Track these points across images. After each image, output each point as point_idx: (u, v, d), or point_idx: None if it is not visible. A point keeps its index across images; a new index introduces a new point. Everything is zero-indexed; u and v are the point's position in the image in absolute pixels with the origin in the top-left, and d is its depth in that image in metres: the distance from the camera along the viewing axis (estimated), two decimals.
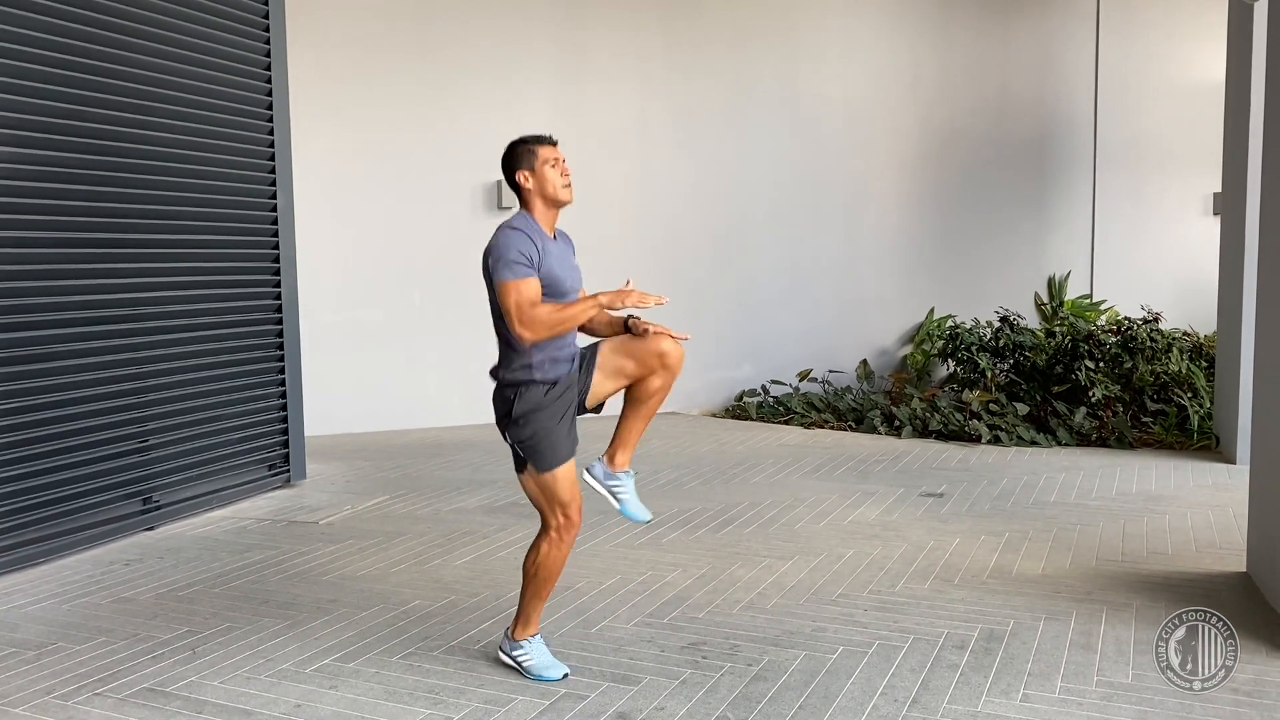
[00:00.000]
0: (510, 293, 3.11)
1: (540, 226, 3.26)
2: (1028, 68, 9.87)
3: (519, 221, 3.23)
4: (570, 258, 3.39)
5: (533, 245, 3.17)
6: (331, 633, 3.78)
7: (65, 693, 3.29)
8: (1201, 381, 7.72)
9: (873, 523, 5.24)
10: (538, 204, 3.27)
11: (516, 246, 3.14)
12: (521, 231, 3.18)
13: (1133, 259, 10.05)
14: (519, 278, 3.11)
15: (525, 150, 3.26)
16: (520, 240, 3.16)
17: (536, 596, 3.35)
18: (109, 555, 4.82)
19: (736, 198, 9.14)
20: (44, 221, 4.74)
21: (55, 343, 4.78)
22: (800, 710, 3.10)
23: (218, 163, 5.65)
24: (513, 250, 3.14)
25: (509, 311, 3.12)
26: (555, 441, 3.23)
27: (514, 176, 3.27)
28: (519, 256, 3.13)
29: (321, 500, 5.86)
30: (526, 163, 3.25)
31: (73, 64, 4.84)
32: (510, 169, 3.28)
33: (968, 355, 8.54)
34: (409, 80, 8.14)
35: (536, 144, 3.27)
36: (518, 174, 3.26)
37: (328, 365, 7.85)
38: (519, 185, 3.27)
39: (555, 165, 3.26)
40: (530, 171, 3.25)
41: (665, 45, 8.86)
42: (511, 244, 3.15)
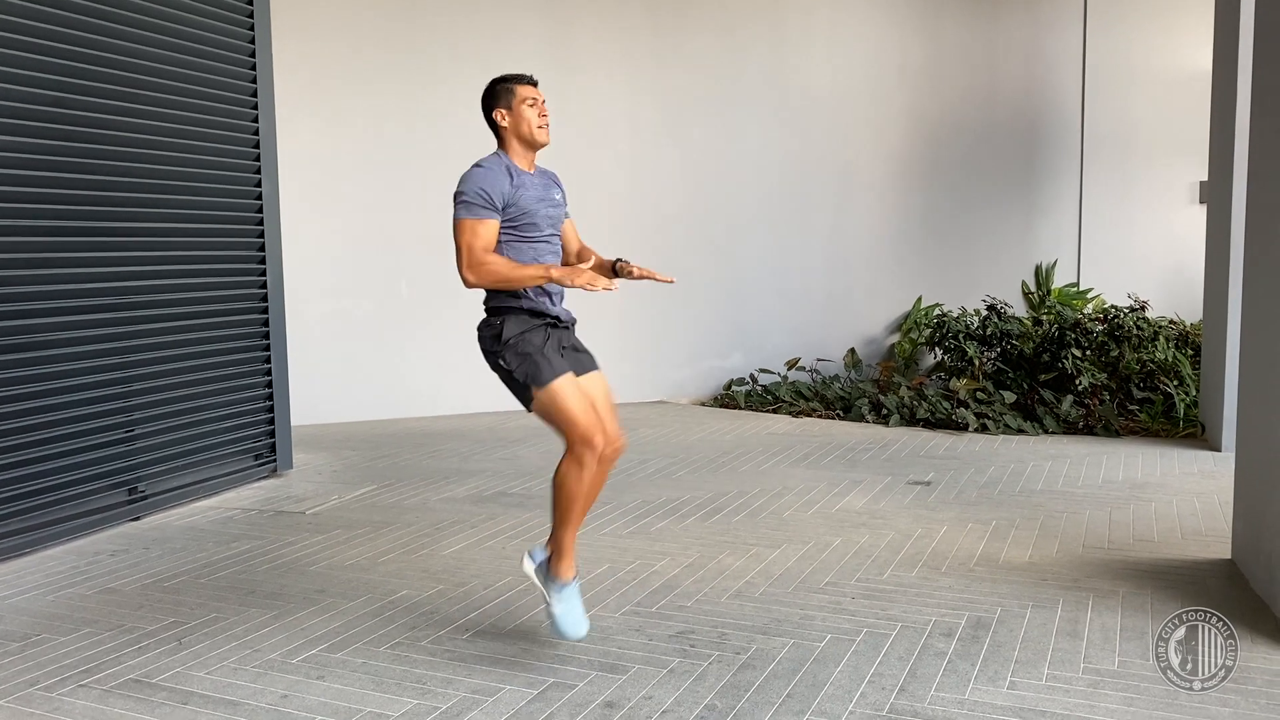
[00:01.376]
0: (463, 231, 3.06)
1: (515, 163, 3.22)
2: (1015, 57, 9.87)
3: (489, 159, 3.19)
4: (551, 193, 3.32)
5: (499, 182, 3.12)
6: (319, 623, 3.76)
7: (50, 684, 3.27)
8: (1187, 370, 7.75)
9: (860, 511, 5.25)
10: (514, 143, 3.24)
11: (478, 184, 3.10)
12: (488, 169, 3.14)
13: (1119, 247, 10.08)
14: (475, 218, 3.06)
15: (504, 88, 3.22)
16: (485, 177, 3.11)
17: (564, 524, 3.22)
18: (94, 546, 4.80)
19: (725, 187, 9.13)
20: (27, 210, 4.70)
21: (39, 332, 4.75)
22: (788, 698, 3.11)
23: (203, 150, 5.61)
24: (473, 189, 3.09)
25: (458, 249, 3.06)
26: (547, 356, 3.17)
27: (491, 114, 3.23)
28: (477, 196, 3.09)
29: (308, 490, 5.84)
30: (504, 101, 3.21)
31: (55, 50, 4.79)
32: (488, 107, 3.23)
33: (955, 344, 8.56)
34: (395, 69, 8.09)
35: (515, 82, 3.23)
36: (495, 112, 3.22)
37: (314, 355, 7.82)
38: (495, 123, 3.22)
39: (534, 105, 3.22)
40: (507, 110, 3.21)
41: (653, 35, 8.83)
42: (474, 181, 3.11)
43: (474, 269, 3.06)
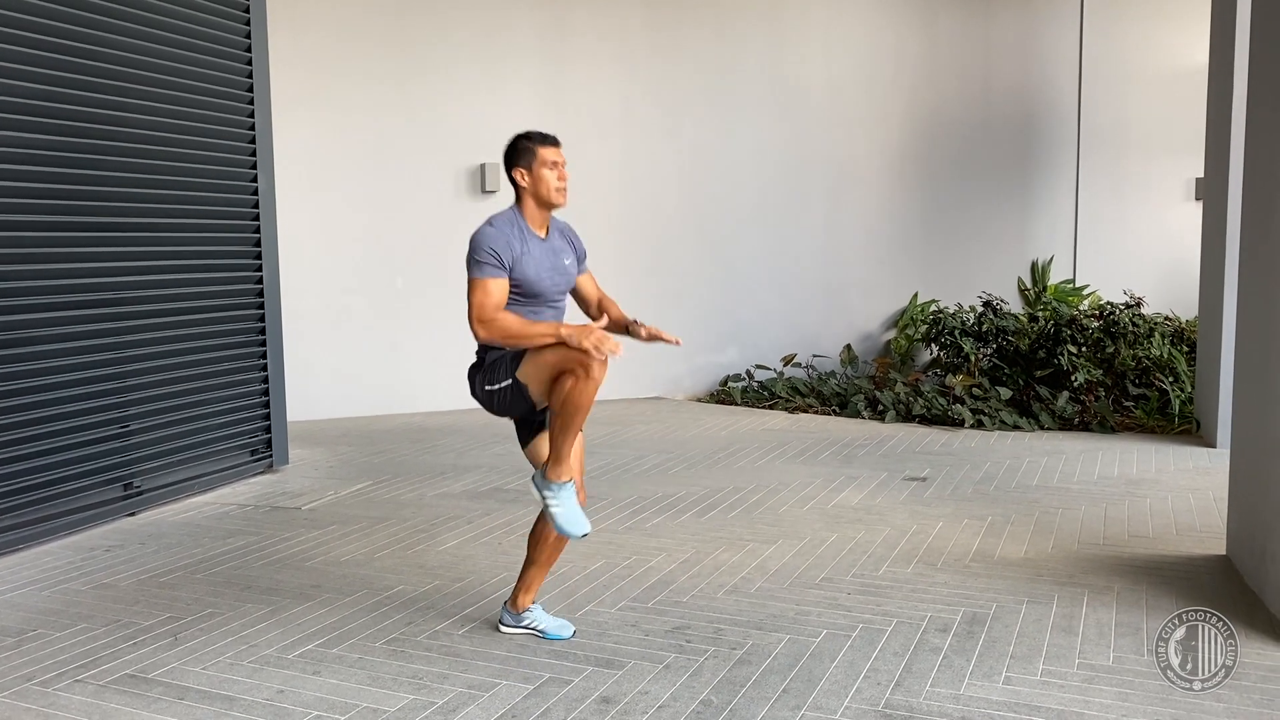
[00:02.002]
0: (475, 289, 3.14)
1: (527, 225, 3.26)
2: (1012, 53, 9.87)
3: (501, 218, 3.24)
4: (560, 259, 3.36)
5: (508, 244, 3.18)
6: (314, 618, 3.76)
7: (45, 680, 3.26)
8: (1183, 366, 7.76)
9: (856, 507, 5.26)
10: (529, 202, 3.28)
11: (488, 244, 3.16)
12: (498, 230, 3.19)
13: (1115, 244, 10.09)
14: (484, 276, 3.13)
15: (526, 147, 3.25)
16: (494, 238, 3.17)
17: (568, 431, 3.15)
18: (90, 541, 4.79)
19: (720, 182, 9.12)
20: (21, 205, 4.68)
21: (35, 327, 4.74)
22: (784, 693, 3.11)
23: (198, 146, 5.59)
24: (484, 249, 3.16)
25: (470, 306, 3.15)
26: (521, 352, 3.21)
27: (511, 172, 3.27)
28: (488, 255, 3.15)
29: (304, 485, 5.84)
30: (525, 160, 3.25)
31: (50, 45, 4.77)
32: (509, 163, 3.27)
33: (951, 340, 8.57)
34: (391, 64, 8.08)
35: (539, 143, 3.25)
36: (515, 170, 3.26)
37: (310, 350, 7.81)
38: (515, 180, 3.27)
39: (554, 168, 3.26)
40: (527, 170, 3.25)
41: (648, 28, 8.82)
42: (484, 242, 3.17)
43: (485, 324, 3.14)
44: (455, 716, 2.98)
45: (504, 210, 3.29)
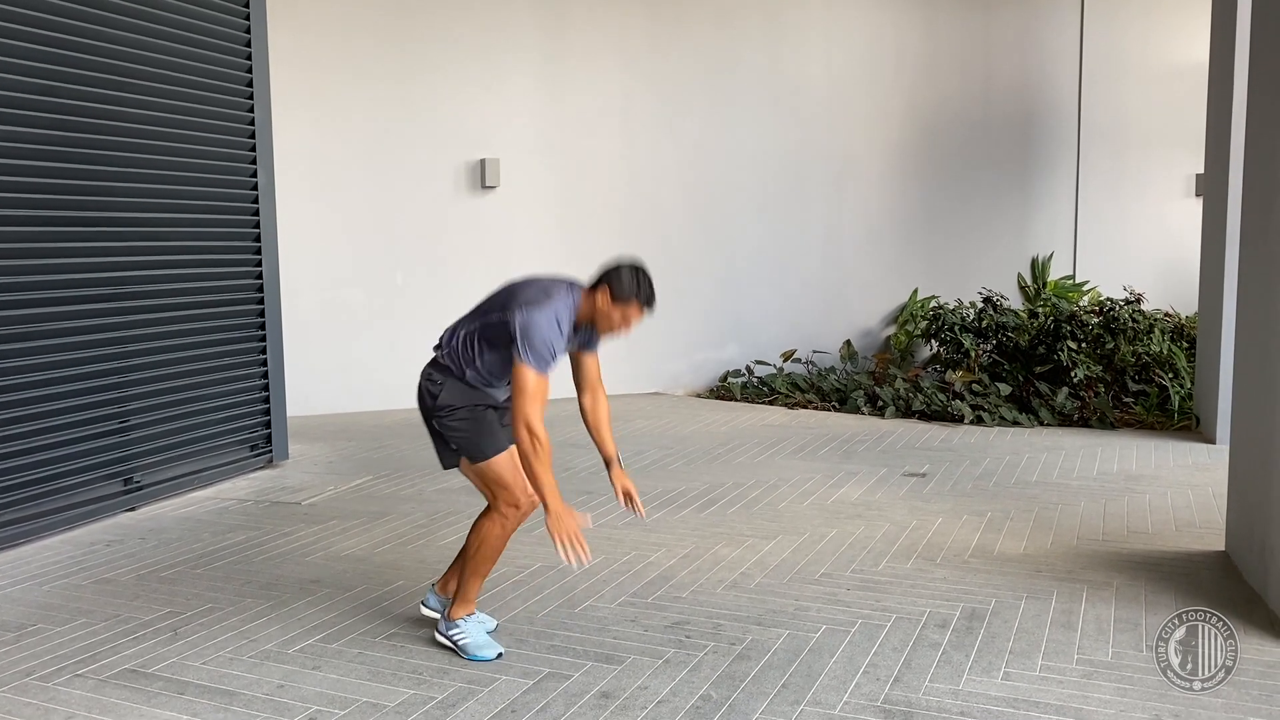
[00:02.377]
0: (527, 377, 3.11)
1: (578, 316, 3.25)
2: (1012, 48, 9.86)
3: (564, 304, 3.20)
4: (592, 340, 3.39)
5: (561, 338, 3.19)
6: (314, 613, 3.77)
7: (46, 674, 3.27)
8: (1182, 362, 7.77)
9: (856, 502, 5.26)
10: (592, 312, 3.25)
11: (549, 340, 3.13)
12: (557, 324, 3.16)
13: (1115, 240, 10.09)
14: (539, 371, 3.13)
15: (629, 294, 3.21)
16: (556, 335, 3.15)
17: (476, 574, 3.39)
18: (90, 536, 4.80)
19: (721, 178, 9.12)
20: (23, 200, 4.68)
21: (35, 322, 4.74)
22: (783, 689, 3.11)
23: (198, 141, 5.59)
24: (548, 344, 3.13)
25: (520, 388, 3.11)
26: (487, 428, 3.30)
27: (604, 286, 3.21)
28: (547, 352, 3.14)
29: (304, 481, 5.84)
30: (620, 299, 3.21)
31: (50, 40, 4.77)
32: (610, 282, 3.20)
33: (951, 336, 8.57)
34: (391, 59, 8.07)
35: (641, 301, 3.23)
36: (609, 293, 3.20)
37: (310, 345, 7.81)
38: (599, 294, 3.22)
39: (626, 323, 3.26)
40: (613, 306, 3.22)
41: (648, 24, 8.81)
42: (546, 335, 3.13)
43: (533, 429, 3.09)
44: (455, 711, 2.99)
45: (575, 290, 3.25)
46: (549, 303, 3.18)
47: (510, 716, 2.95)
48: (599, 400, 3.50)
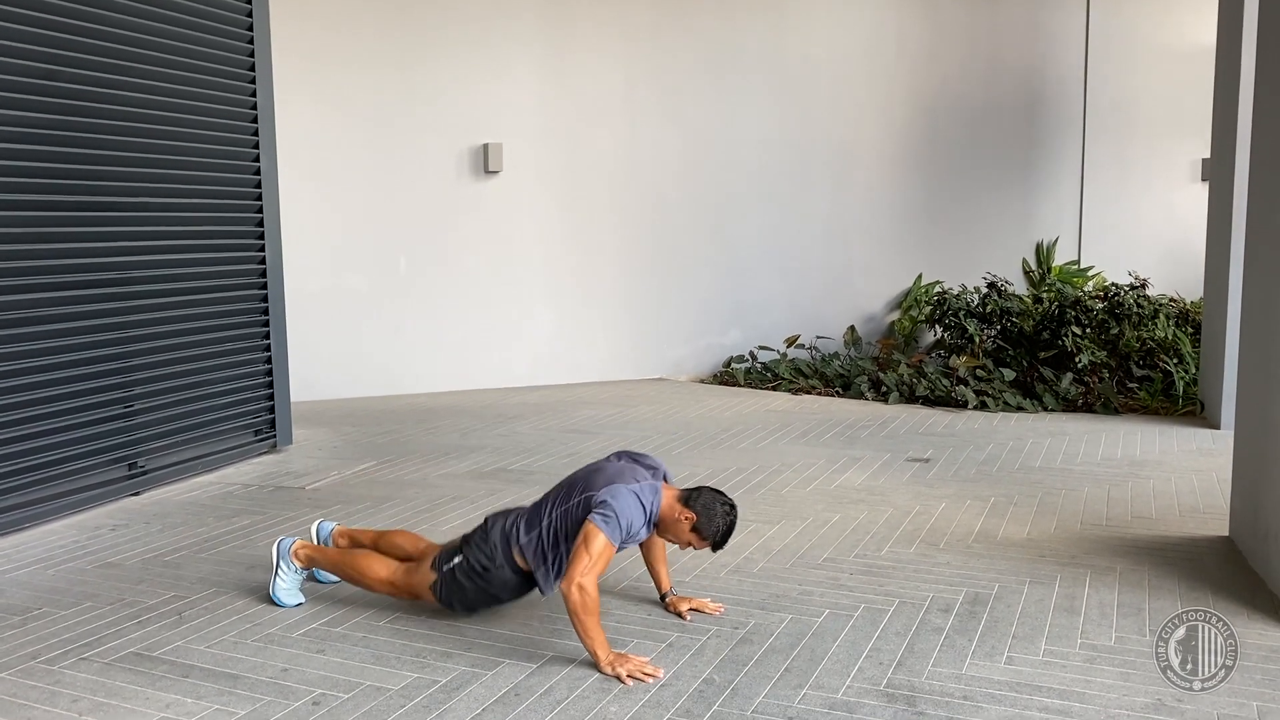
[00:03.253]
0: (596, 543, 3.14)
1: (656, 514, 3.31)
2: (1016, 32, 9.81)
3: (651, 499, 3.29)
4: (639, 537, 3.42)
5: (643, 522, 3.26)
6: (319, 597, 3.78)
7: (51, 658, 3.28)
8: (1187, 347, 7.75)
9: (859, 487, 5.26)
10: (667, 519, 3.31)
11: (630, 517, 3.21)
12: (644, 508, 3.26)
13: (1120, 225, 10.05)
14: (611, 541, 3.17)
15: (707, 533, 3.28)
16: (637, 514, 3.23)
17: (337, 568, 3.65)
18: (95, 520, 4.81)
19: (723, 164, 9.09)
20: (27, 185, 4.68)
21: (39, 307, 4.74)
22: (786, 673, 3.12)
23: (201, 127, 5.58)
24: (627, 520, 3.20)
25: (587, 549, 3.13)
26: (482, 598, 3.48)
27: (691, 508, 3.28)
28: (624, 529, 3.19)
29: (308, 466, 5.85)
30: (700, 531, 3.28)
31: (54, 24, 4.75)
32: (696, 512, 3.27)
33: (955, 321, 8.55)
34: (393, 45, 8.04)
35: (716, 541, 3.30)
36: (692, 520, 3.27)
37: (313, 331, 7.81)
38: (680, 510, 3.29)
39: (690, 547, 3.34)
40: (690, 532, 3.29)
41: (651, 11, 8.77)
42: (630, 511, 3.21)
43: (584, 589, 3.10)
44: (458, 695, 3.00)
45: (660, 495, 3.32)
46: (637, 485, 3.28)
47: (514, 699, 2.96)
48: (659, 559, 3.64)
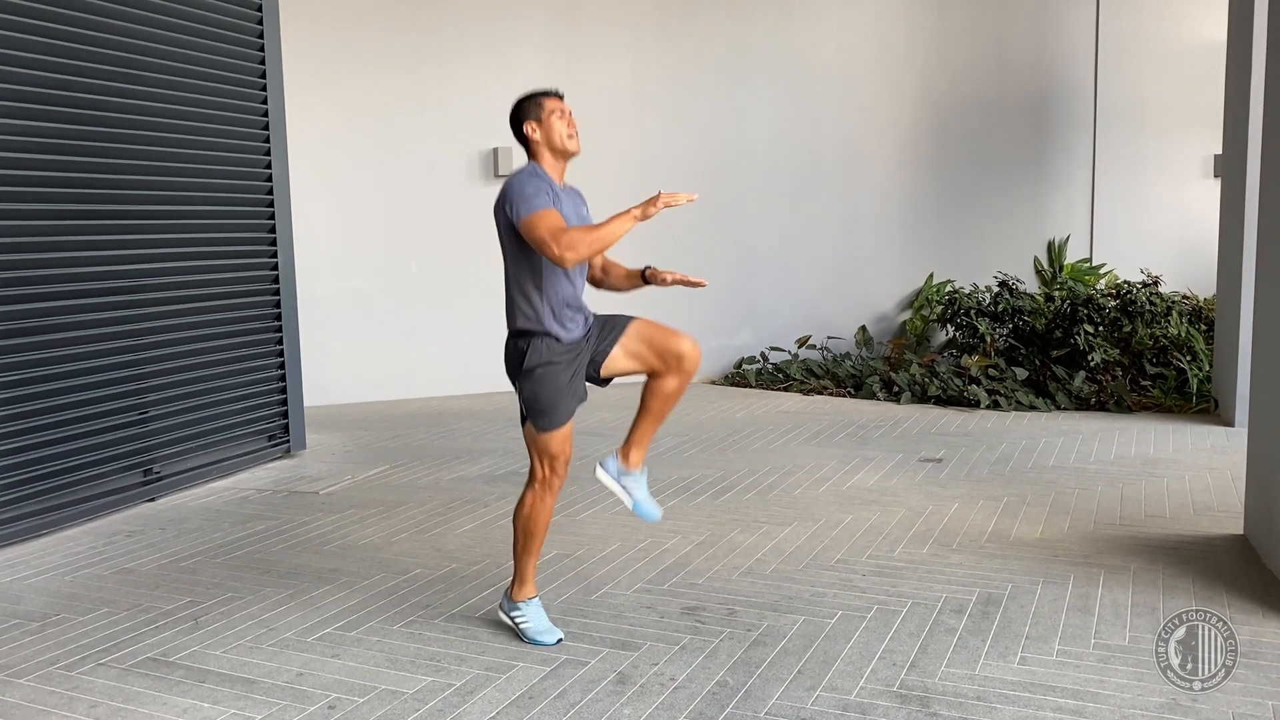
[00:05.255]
0: (539, 224, 3.11)
1: (550, 175, 3.29)
2: (1027, 29, 9.78)
3: (527, 169, 3.29)
4: (580, 208, 3.40)
5: (545, 184, 3.21)
6: (333, 601, 3.80)
7: (69, 663, 3.31)
8: (1200, 345, 7.71)
9: (871, 488, 5.26)
10: (545, 155, 3.32)
11: (530, 185, 3.18)
12: (530, 173, 3.25)
13: (1132, 222, 10.01)
14: (543, 208, 3.13)
15: (532, 103, 3.32)
16: (533, 181, 3.21)
17: (527, 552, 3.40)
18: (111, 526, 4.84)
19: (733, 163, 9.09)
20: (40, 194, 4.71)
21: (53, 315, 4.77)
22: (799, 674, 3.12)
23: (213, 133, 5.61)
24: (528, 188, 3.17)
25: (544, 240, 3.09)
26: (557, 403, 3.27)
27: (522, 129, 3.31)
28: (534, 191, 3.16)
29: (322, 470, 5.87)
30: (533, 114, 3.30)
31: (64, 34, 4.79)
32: (518, 121, 3.32)
33: (967, 320, 8.53)
34: (403, 49, 8.07)
35: (543, 96, 3.33)
36: (525, 125, 3.31)
37: (326, 336, 7.84)
38: (526, 137, 3.32)
39: (562, 116, 3.32)
40: (537, 123, 3.30)
41: (659, 10, 8.77)
42: (525, 184, 3.19)
43: (566, 247, 3.09)
44: (473, 698, 3.01)
45: (525, 165, 3.32)
46: (513, 176, 3.24)
47: (528, 703, 2.97)
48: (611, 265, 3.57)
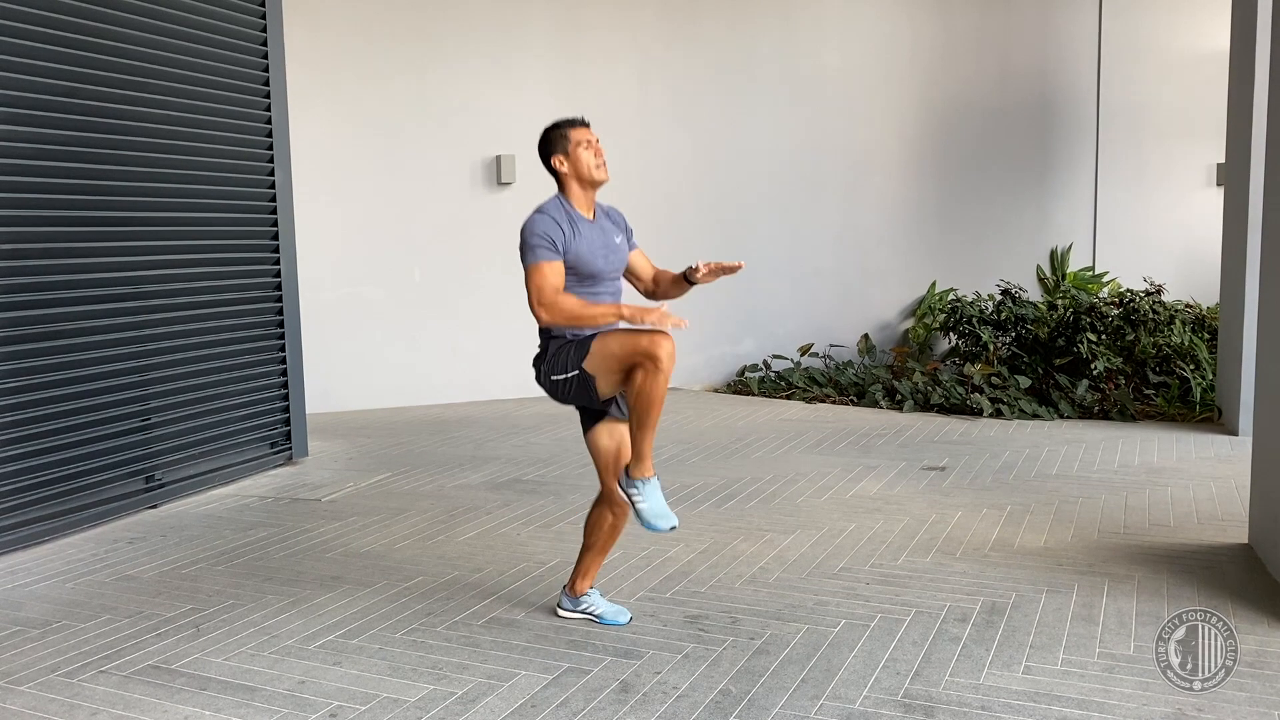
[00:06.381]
0: (532, 274, 3.18)
1: (574, 208, 3.32)
2: (1029, 37, 9.78)
3: (549, 205, 3.30)
4: (611, 238, 3.39)
5: (558, 228, 3.23)
6: (335, 609, 3.79)
7: (70, 670, 3.30)
8: (1204, 353, 7.70)
9: (874, 496, 5.25)
10: (573, 186, 3.34)
11: (539, 230, 3.21)
12: (548, 215, 3.25)
13: (1135, 231, 10.00)
14: (539, 260, 3.17)
15: (558, 135, 3.33)
16: (544, 223, 3.22)
17: (643, 428, 3.18)
18: (112, 533, 4.84)
19: (736, 172, 9.09)
20: (44, 200, 4.72)
21: (57, 321, 4.78)
22: (802, 683, 3.11)
23: (216, 140, 5.62)
24: (535, 234, 3.20)
25: (529, 292, 3.17)
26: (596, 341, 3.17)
27: (550, 162, 3.34)
28: (541, 239, 3.19)
29: (324, 477, 5.87)
30: (560, 147, 3.32)
31: (68, 41, 4.80)
32: (545, 155, 3.35)
33: (969, 328, 8.53)
34: (407, 57, 8.09)
35: (569, 127, 3.34)
36: (553, 159, 3.33)
37: (328, 342, 7.85)
38: (555, 170, 3.33)
39: (589, 147, 3.33)
40: (564, 155, 3.32)
41: (662, 19, 8.79)
42: (535, 228, 3.22)
43: (547, 308, 3.16)
44: (475, 706, 3.00)
45: (550, 199, 3.33)
46: (534, 213, 3.26)
47: (530, 711, 2.96)
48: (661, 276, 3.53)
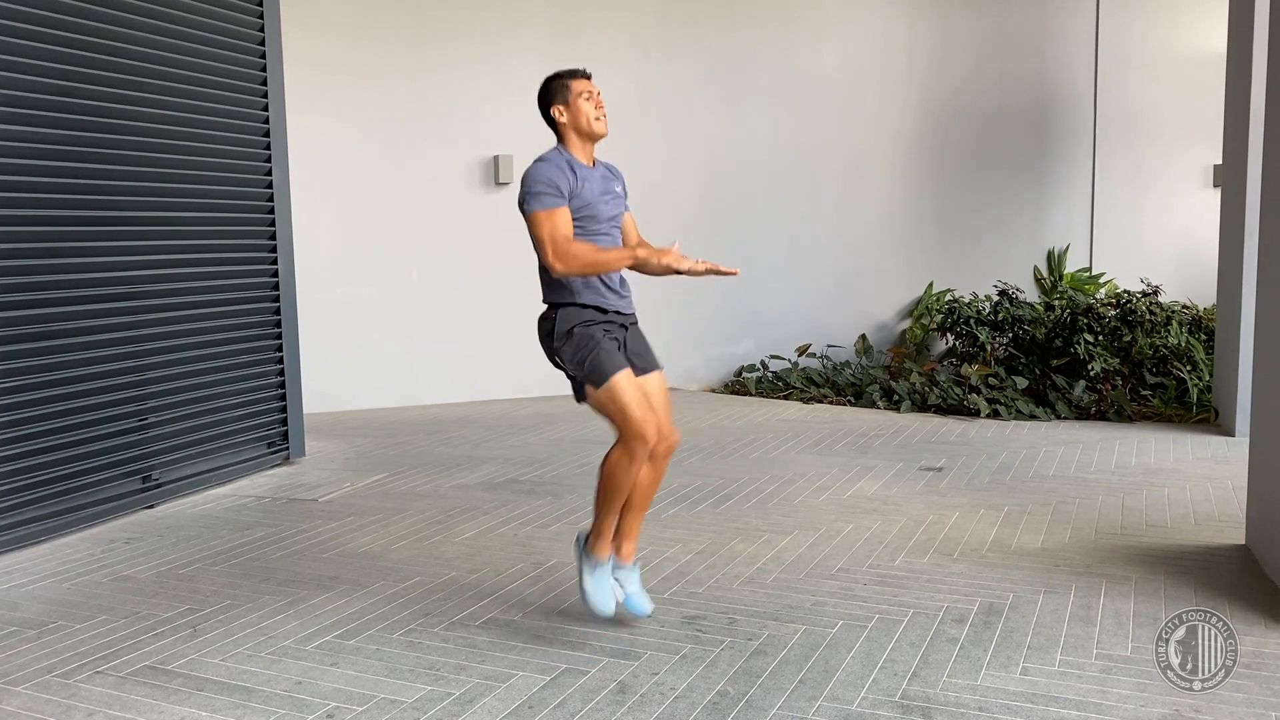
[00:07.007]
0: (541, 223, 3.11)
1: (575, 157, 3.26)
2: (1026, 39, 9.79)
3: (550, 154, 3.25)
4: (610, 185, 3.36)
5: (563, 174, 3.17)
6: (332, 609, 3.78)
7: (66, 671, 3.29)
8: (1201, 354, 7.71)
9: (872, 497, 5.25)
10: (572, 137, 3.30)
11: (544, 176, 3.15)
12: (550, 162, 3.20)
13: (1132, 231, 10.01)
14: (547, 208, 3.11)
15: (559, 85, 3.30)
16: (548, 170, 3.17)
17: (605, 507, 3.28)
18: (109, 534, 4.83)
19: (734, 173, 9.10)
20: (40, 200, 4.71)
21: (54, 321, 4.77)
22: (800, 684, 3.11)
23: (214, 140, 5.61)
24: (539, 181, 3.14)
25: (541, 241, 3.11)
26: (605, 350, 3.19)
27: (549, 111, 3.29)
28: (545, 187, 3.14)
29: (321, 477, 5.86)
30: (560, 97, 3.28)
31: (65, 40, 4.79)
32: (545, 104, 3.30)
33: (967, 329, 8.53)
34: (404, 57, 8.08)
35: (570, 78, 3.31)
36: (552, 109, 3.29)
37: (326, 343, 7.84)
38: (554, 120, 3.29)
39: (589, 98, 3.30)
40: (564, 105, 3.28)
41: (661, 20, 8.79)
42: (539, 176, 3.16)
43: (561, 258, 3.10)
44: (472, 707, 2.99)
45: (550, 149, 3.29)
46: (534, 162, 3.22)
47: (528, 712, 2.96)
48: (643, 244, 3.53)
